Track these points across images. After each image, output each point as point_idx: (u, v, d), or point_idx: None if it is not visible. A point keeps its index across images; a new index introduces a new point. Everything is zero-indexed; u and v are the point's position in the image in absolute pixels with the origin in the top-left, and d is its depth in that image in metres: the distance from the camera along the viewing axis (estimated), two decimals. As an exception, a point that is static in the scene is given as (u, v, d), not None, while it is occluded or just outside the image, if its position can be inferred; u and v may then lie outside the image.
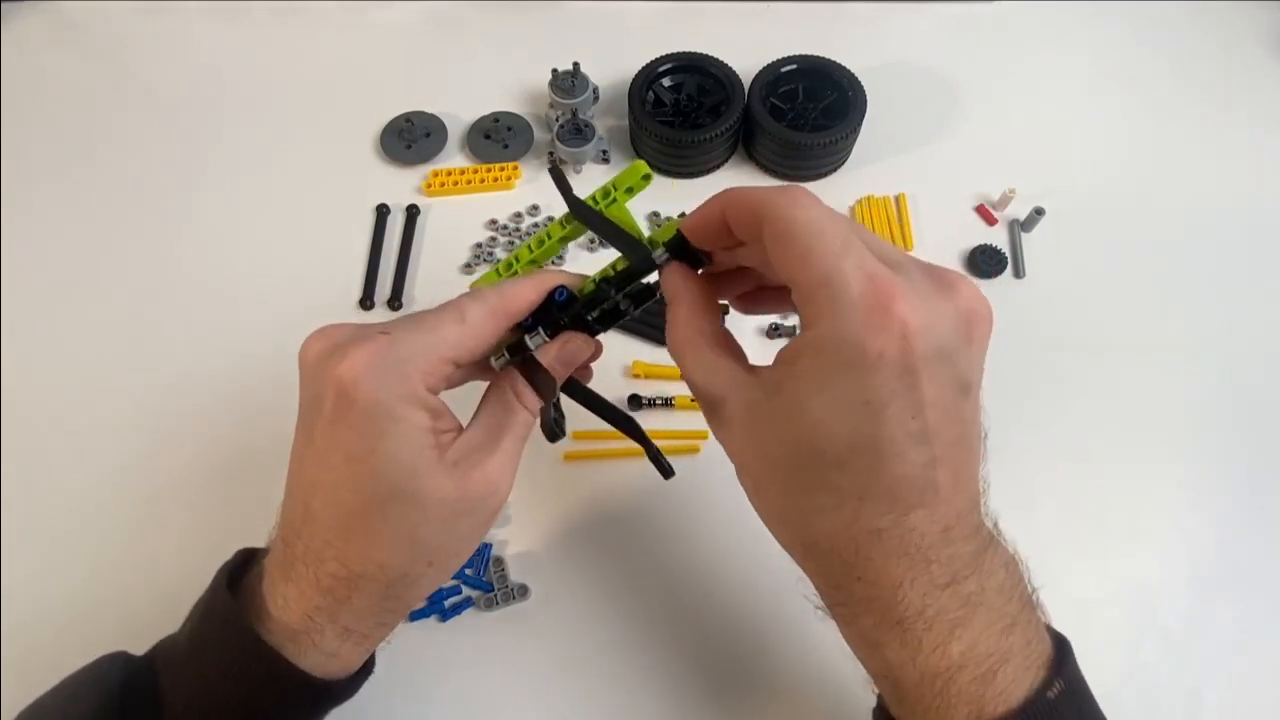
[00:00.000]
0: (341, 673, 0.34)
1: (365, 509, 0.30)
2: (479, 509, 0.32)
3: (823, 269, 0.26)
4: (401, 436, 0.30)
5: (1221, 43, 0.73)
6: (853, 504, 0.27)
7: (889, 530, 0.27)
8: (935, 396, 0.26)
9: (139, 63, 0.72)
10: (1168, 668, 0.48)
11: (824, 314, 0.26)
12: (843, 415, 0.26)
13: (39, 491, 0.52)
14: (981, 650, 0.29)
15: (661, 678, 0.47)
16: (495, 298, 0.32)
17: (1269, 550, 0.51)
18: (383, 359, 0.29)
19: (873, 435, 0.26)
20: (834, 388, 0.26)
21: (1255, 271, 0.61)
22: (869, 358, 0.25)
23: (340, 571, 0.31)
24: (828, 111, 0.63)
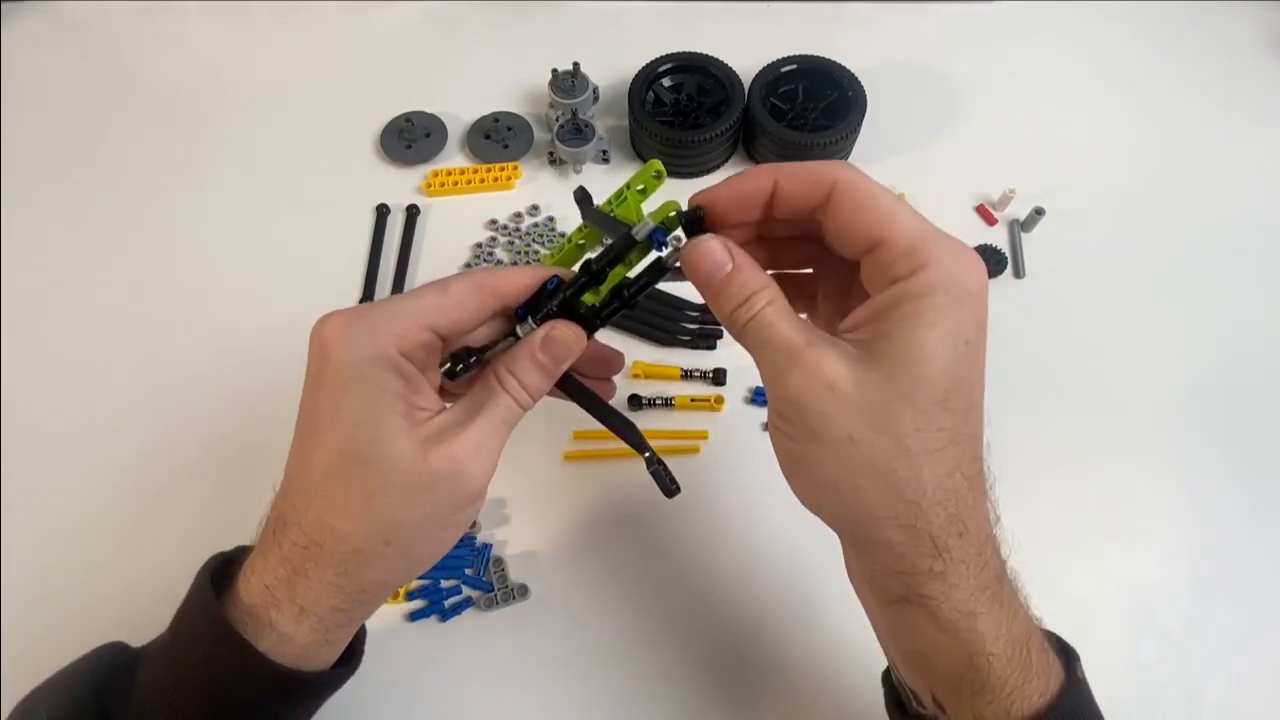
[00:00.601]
0: (301, 661, 0.32)
1: (328, 471, 0.30)
2: (442, 487, 0.30)
3: (916, 227, 0.29)
4: (366, 397, 0.29)
5: (1221, 42, 0.73)
6: (955, 447, 0.28)
7: (977, 476, 0.29)
8: (983, 341, 0.29)
9: (139, 63, 0.72)
10: (1168, 668, 0.48)
11: (931, 260, 0.28)
12: (950, 350, 0.28)
13: (40, 489, 0.52)
14: (1036, 615, 0.31)
15: (662, 677, 0.47)
16: (483, 275, 0.33)
17: (1268, 550, 0.51)
18: (358, 322, 0.30)
19: (969, 375, 0.28)
20: (943, 324, 0.28)
21: (1255, 271, 0.61)
22: (972, 295, 0.28)
23: (300, 539, 0.31)
24: (828, 111, 0.63)
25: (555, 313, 0.33)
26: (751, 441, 0.54)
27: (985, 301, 0.29)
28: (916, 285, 0.28)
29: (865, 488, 0.28)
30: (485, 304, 0.32)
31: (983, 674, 0.29)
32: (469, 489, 0.31)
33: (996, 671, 0.29)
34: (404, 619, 0.48)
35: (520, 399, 0.32)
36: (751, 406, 0.55)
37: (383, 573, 0.31)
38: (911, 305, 0.28)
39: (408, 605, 0.49)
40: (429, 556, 0.33)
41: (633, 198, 0.33)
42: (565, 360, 0.33)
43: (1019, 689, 0.29)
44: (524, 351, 0.32)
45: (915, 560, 0.29)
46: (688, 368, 0.56)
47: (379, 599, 0.33)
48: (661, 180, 0.33)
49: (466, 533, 0.51)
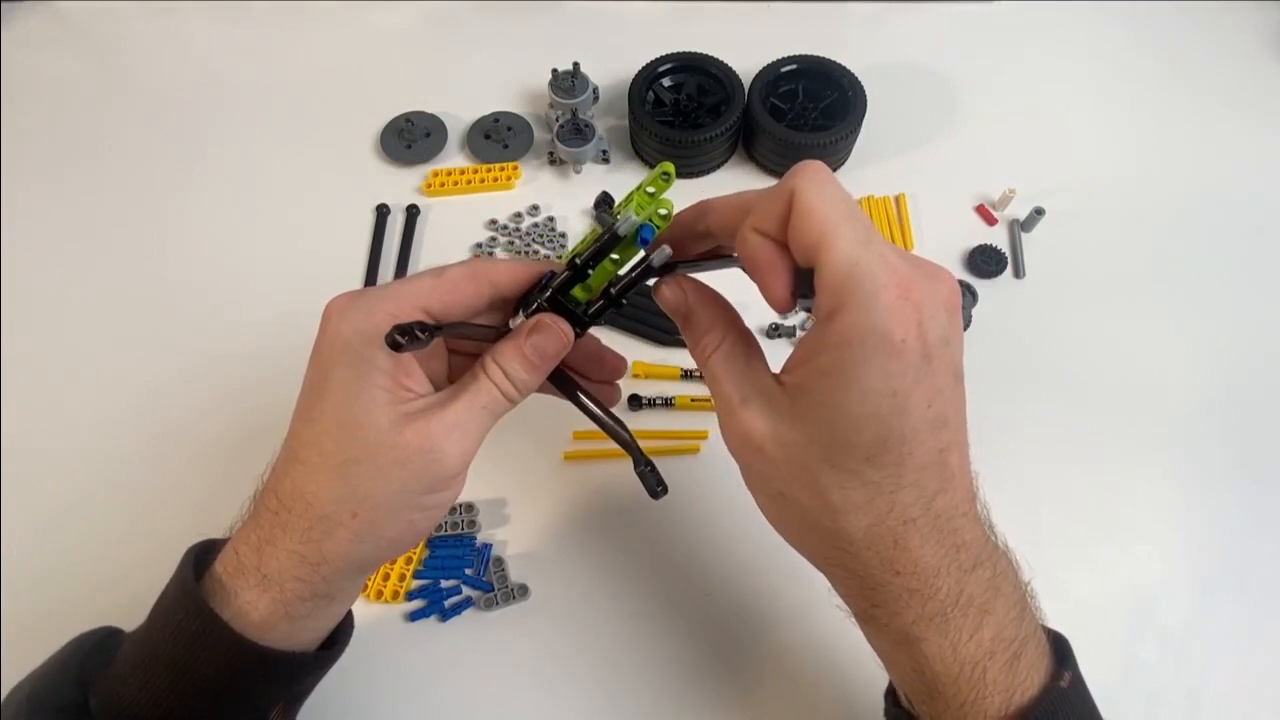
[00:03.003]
0: (262, 635, 0.31)
1: (309, 439, 0.31)
2: (413, 462, 0.30)
3: (846, 255, 0.26)
4: (353, 369, 0.30)
5: (1221, 42, 0.73)
6: (886, 497, 0.28)
7: (920, 519, 0.28)
8: (943, 382, 0.27)
9: (139, 63, 0.72)
10: (1168, 668, 0.48)
11: (849, 304, 0.26)
12: (872, 407, 0.26)
13: (41, 484, 0.52)
14: (1007, 635, 0.30)
15: (662, 676, 0.47)
16: (480, 263, 0.33)
17: (1269, 550, 0.51)
18: (358, 299, 0.31)
19: (900, 426, 0.27)
20: (863, 379, 0.26)
21: (1255, 270, 0.61)
22: (894, 345, 0.25)
23: (273, 504, 0.31)
24: (828, 111, 0.63)
25: (544, 307, 0.33)
26: (751, 441, 0.54)
27: (919, 346, 0.26)
28: (834, 333, 0.26)
29: (805, 535, 0.31)
30: (480, 290, 0.32)
31: (931, 687, 0.30)
32: (441, 469, 0.31)
33: (944, 687, 0.30)
34: (404, 619, 0.48)
35: (504, 388, 0.32)
36: (751, 406, 0.55)
37: (345, 545, 0.31)
38: (828, 357, 0.27)
39: (408, 605, 0.49)
40: (396, 538, 0.32)
41: (639, 199, 0.33)
42: (551, 354, 0.33)
43: (973, 703, 0.29)
44: (510, 342, 0.33)
45: (856, 594, 0.31)
46: (688, 368, 0.56)
47: (341, 576, 0.32)
48: (670, 182, 0.33)
49: (466, 533, 0.51)
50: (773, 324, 0.58)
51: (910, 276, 0.26)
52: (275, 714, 0.34)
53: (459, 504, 0.51)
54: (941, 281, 0.28)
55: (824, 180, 0.27)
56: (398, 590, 0.49)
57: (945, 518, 0.29)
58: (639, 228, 0.32)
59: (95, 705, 0.31)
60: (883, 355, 0.26)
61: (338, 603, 0.34)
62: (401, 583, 0.49)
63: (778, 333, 0.58)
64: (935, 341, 0.26)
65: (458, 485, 0.33)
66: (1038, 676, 0.30)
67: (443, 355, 0.35)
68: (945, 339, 0.27)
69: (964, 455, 0.30)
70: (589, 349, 0.38)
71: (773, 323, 0.58)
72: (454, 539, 0.51)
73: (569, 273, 0.33)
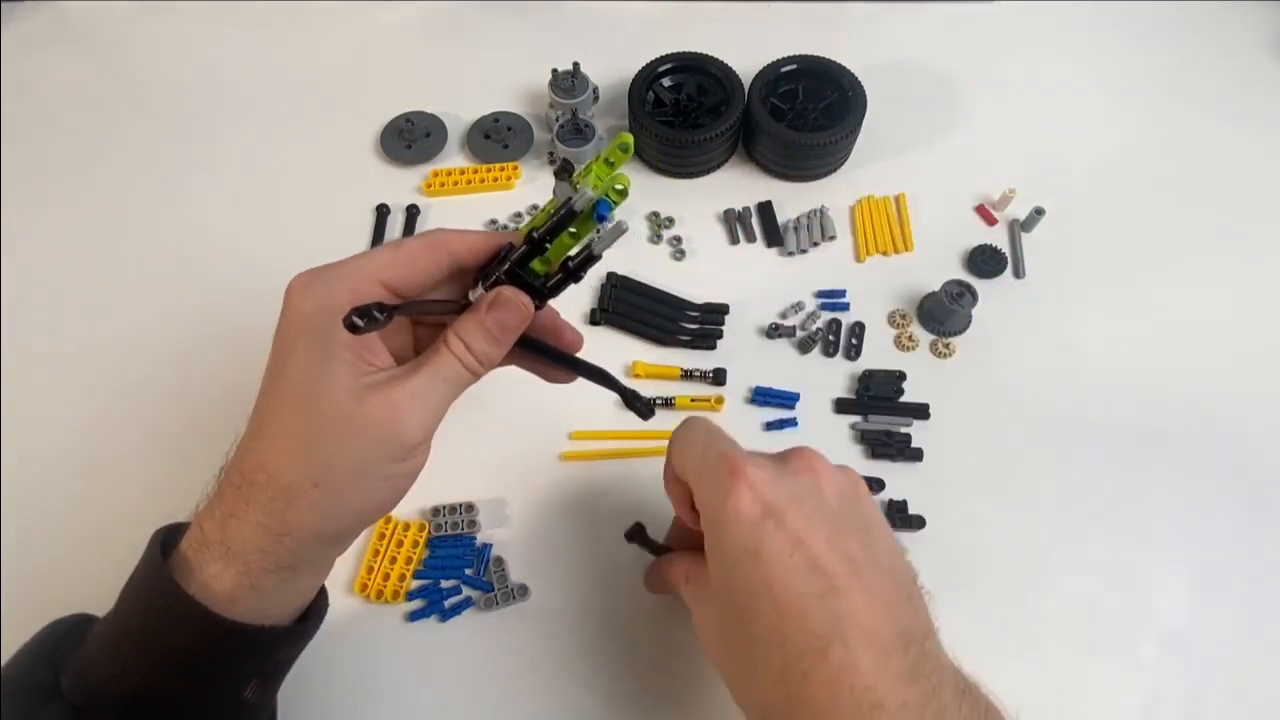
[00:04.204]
0: (229, 608, 0.31)
1: (272, 413, 0.31)
2: (373, 431, 0.30)
3: (693, 461, 0.34)
4: (315, 345, 0.30)
5: (1221, 43, 0.73)
6: (776, 652, 0.29)
7: (814, 671, 0.28)
8: (807, 533, 0.30)
9: (139, 63, 0.72)
10: (1168, 668, 0.48)
11: (699, 493, 0.33)
12: (734, 566, 0.30)
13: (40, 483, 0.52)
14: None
15: (662, 676, 0.47)
16: (438, 233, 0.33)
17: (1269, 550, 0.51)
18: (317, 276, 0.32)
19: (763, 577, 0.29)
20: (722, 551, 0.31)
21: (1255, 271, 0.61)
22: (728, 512, 0.30)
23: (237, 480, 0.31)
24: (828, 111, 0.63)
25: (503, 280, 0.33)
26: (751, 442, 0.53)
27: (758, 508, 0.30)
28: (703, 521, 0.33)
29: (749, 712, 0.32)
30: (438, 261, 0.33)
31: None
32: (403, 438, 0.31)
33: None
34: (404, 619, 0.48)
35: (466, 361, 0.32)
36: (751, 406, 0.55)
37: (308, 515, 0.31)
38: (707, 540, 0.33)
39: (408, 605, 0.49)
40: (360, 508, 0.32)
41: (598, 170, 0.33)
42: (512, 327, 0.33)
43: None
44: (471, 316, 0.33)
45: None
46: (688, 368, 0.56)
47: (305, 548, 0.32)
48: (628, 154, 0.33)
49: (466, 533, 0.51)
50: (773, 324, 0.58)
51: (742, 457, 0.32)
52: (250, 689, 0.34)
53: (459, 504, 0.51)
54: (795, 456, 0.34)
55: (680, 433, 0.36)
56: (398, 590, 0.49)
57: (850, 670, 0.27)
58: (595, 203, 0.32)
59: (66, 686, 0.31)
60: (724, 522, 0.31)
61: (305, 576, 0.34)
62: (401, 583, 0.49)
63: (778, 332, 0.58)
64: (782, 500, 0.31)
65: (421, 456, 0.33)
66: None
67: (407, 329, 0.35)
68: (800, 498, 0.31)
69: (875, 604, 0.29)
70: (547, 322, 0.38)
71: (773, 323, 0.58)
72: (454, 539, 0.51)
73: (527, 247, 0.33)
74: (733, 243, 0.62)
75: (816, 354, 0.57)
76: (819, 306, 0.59)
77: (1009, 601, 0.49)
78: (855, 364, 0.57)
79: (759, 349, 0.58)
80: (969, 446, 0.54)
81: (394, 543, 0.50)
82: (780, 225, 0.63)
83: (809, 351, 0.57)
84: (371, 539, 0.50)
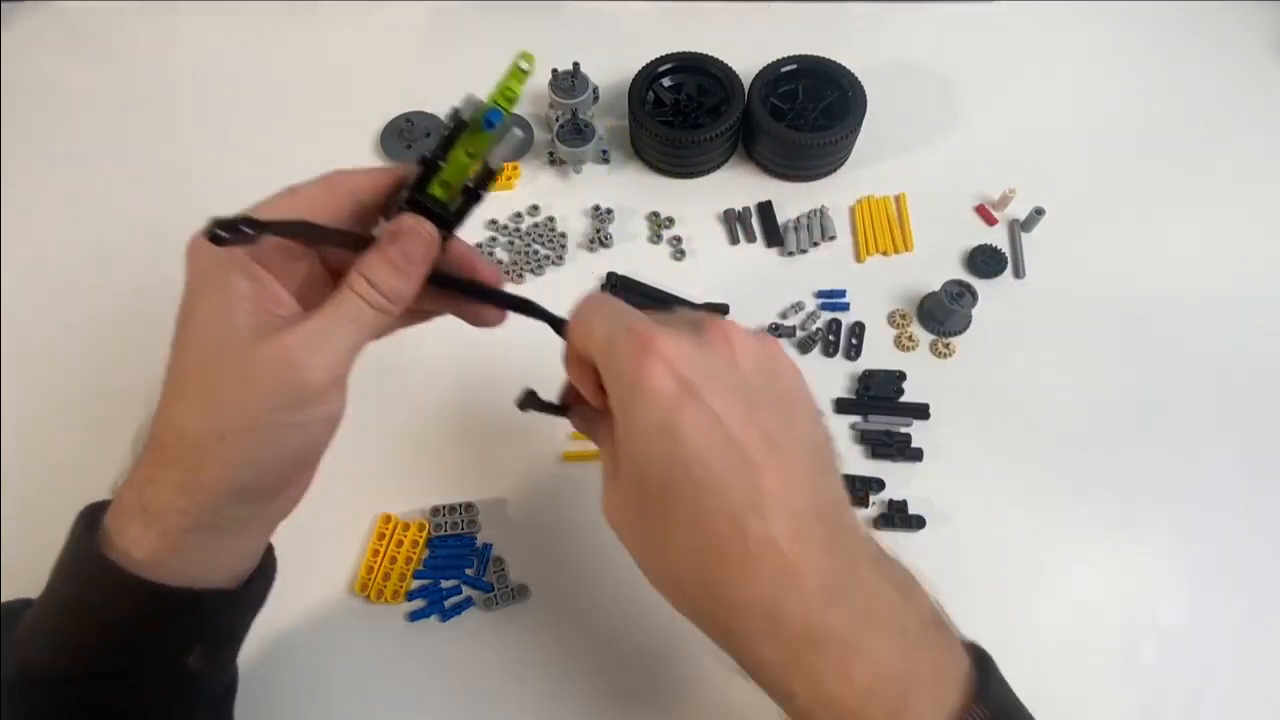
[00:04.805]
0: (151, 572, 0.30)
1: (179, 373, 0.31)
2: (270, 376, 0.29)
3: (599, 337, 0.30)
4: (213, 298, 0.30)
5: (1221, 43, 0.73)
6: (692, 530, 0.28)
7: (734, 545, 0.27)
8: (724, 409, 0.28)
9: (139, 63, 0.72)
10: (1168, 668, 0.48)
11: (607, 371, 0.30)
12: (649, 450, 0.28)
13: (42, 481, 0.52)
14: (887, 674, 0.27)
15: (662, 676, 0.47)
16: (333, 174, 0.32)
17: (1269, 550, 0.51)
18: None
19: (681, 454, 0.27)
20: (634, 425, 0.28)
21: (1255, 270, 0.61)
22: (642, 390, 0.28)
23: (152, 445, 0.31)
24: (828, 111, 0.63)
25: (404, 209, 0.32)
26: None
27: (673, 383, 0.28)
28: (611, 400, 0.30)
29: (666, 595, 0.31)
30: (339, 204, 0.32)
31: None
32: (302, 382, 0.29)
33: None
34: (404, 619, 0.49)
35: (370, 298, 0.31)
36: (751, 406, 0.55)
37: (218, 470, 0.30)
38: (616, 421, 0.30)
39: (408, 605, 0.49)
40: (271, 459, 0.31)
41: (499, 86, 0.33)
42: (418, 256, 0.32)
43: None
44: (373, 249, 0.31)
45: (723, 645, 0.30)
46: (688, 368, 0.56)
47: (223, 505, 0.31)
48: (531, 71, 0.32)
49: (466, 533, 0.51)
50: (772, 324, 0.58)
51: (655, 331, 0.29)
52: (195, 658, 0.33)
53: (459, 504, 0.51)
54: (709, 327, 0.31)
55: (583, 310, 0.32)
56: (398, 590, 0.49)
57: (770, 543, 0.27)
58: (486, 112, 0.31)
59: (6, 673, 0.31)
60: (637, 400, 0.28)
61: (232, 537, 0.33)
62: (401, 583, 0.49)
63: (778, 332, 0.58)
64: (699, 375, 0.28)
65: (332, 402, 0.31)
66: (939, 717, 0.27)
67: (322, 278, 0.34)
68: (714, 373, 0.29)
69: (795, 477, 0.28)
70: (461, 256, 0.37)
71: (772, 323, 0.58)
72: (454, 539, 0.51)
73: (422, 169, 0.32)
74: (733, 243, 0.62)
75: (816, 354, 0.57)
76: (819, 306, 0.59)
77: (1009, 601, 0.49)
78: (855, 364, 0.57)
79: (759, 349, 0.58)
80: (969, 446, 0.54)
81: (394, 543, 0.50)
82: (780, 225, 0.63)
83: (809, 351, 0.57)
84: (371, 539, 0.50)
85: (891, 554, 0.30)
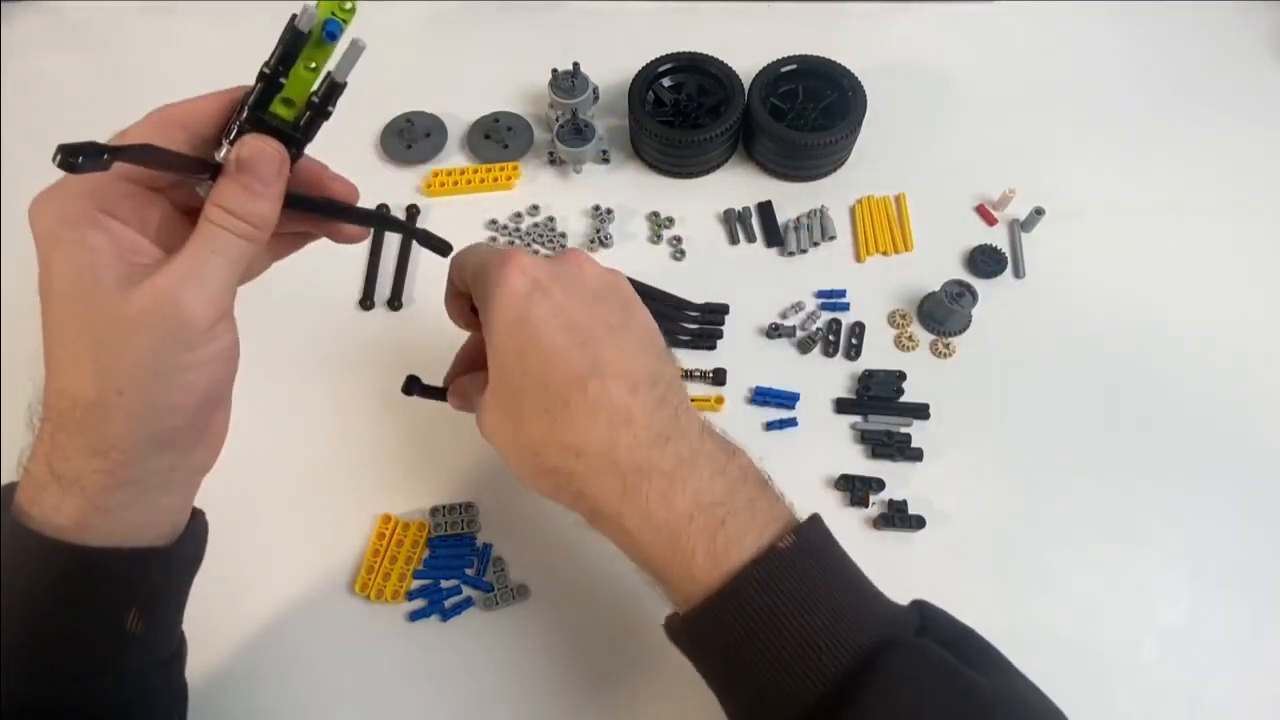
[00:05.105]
0: (79, 536, 0.30)
1: (56, 339, 0.31)
2: (152, 322, 0.29)
3: (471, 265, 0.36)
4: (68, 258, 0.30)
5: (1222, 43, 0.73)
6: (541, 394, 0.33)
7: (574, 399, 0.33)
8: (567, 301, 0.34)
9: (139, 63, 0.72)
10: (1168, 668, 0.48)
11: (477, 287, 0.36)
12: (507, 338, 0.33)
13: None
14: (706, 500, 0.33)
15: (662, 676, 0.47)
16: (163, 109, 0.32)
17: (1269, 550, 0.51)
18: (50, 192, 0.31)
19: (531, 338, 0.33)
20: (495, 325, 0.34)
21: (1256, 270, 0.61)
22: (503, 290, 0.34)
23: (49, 414, 0.31)
24: (828, 111, 0.63)
25: (246, 129, 0.31)
26: (752, 441, 0.53)
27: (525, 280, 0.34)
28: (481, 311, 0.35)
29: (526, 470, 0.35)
30: (174, 140, 0.31)
31: (646, 565, 0.34)
32: (186, 321, 0.29)
33: (652, 560, 0.33)
34: (404, 619, 0.49)
35: (232, 226, 0.30)
36: (752, 406, 0.55)
37: (126, 425, 0.30)
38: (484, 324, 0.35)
39: (408, 605, 0.49)
40: (178, 404, 0.31)
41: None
42: (269, 175, 0.31)
43: (682, 571, 0.32)
44: (222, 176, 0.31)
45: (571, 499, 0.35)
46: (688, 368, 0.56)
47: (139, 458, 0.31)
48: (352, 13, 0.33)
49: (466, 533, 0.51)
50: (773, 324, 0.58)
51: (514, 251, 0.35)
52: (132, 620, 0.33)
53: (459, 504, 0.51)
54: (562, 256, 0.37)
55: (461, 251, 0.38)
56: (398, 590, 0.49)
57: (605, 397, 0.33)
58: (324, 23, 0.31)
59: None
60: (499, 297, 0.34)
61: (155, 491, 0.32)
62: (402, 583, 0.49)
63: (778, 332, 0.58)
64: (547, 279, 0.34)
65: (223, 337, 0.31)
66: (753, 541, 0.32)
67: (178, 220, 0.33)
68: (561, 275, 0.35)
69: (624, 352, 0.34)
70: (311, 174, 0.37)
71: (773, 323, 0.58)
72: (454, 539, 0.51)
73: (261, 85, 0.31)
74: (732, 243, 0.62)
75: (816, 354, 0.57)
76: (819, 306, 0.59)
77: (1009, 601, 0.49)
78: (855, 364, 0.57)
79: (759, 349, 0.58)
80: (969, 446, 0.54)
81: (394, 543, 0.50)
82: (780, 225, 0.63)
83: (809, 351, 0.57)
84: (371, 539, 0.50)
85: (719, 429, 0.36)
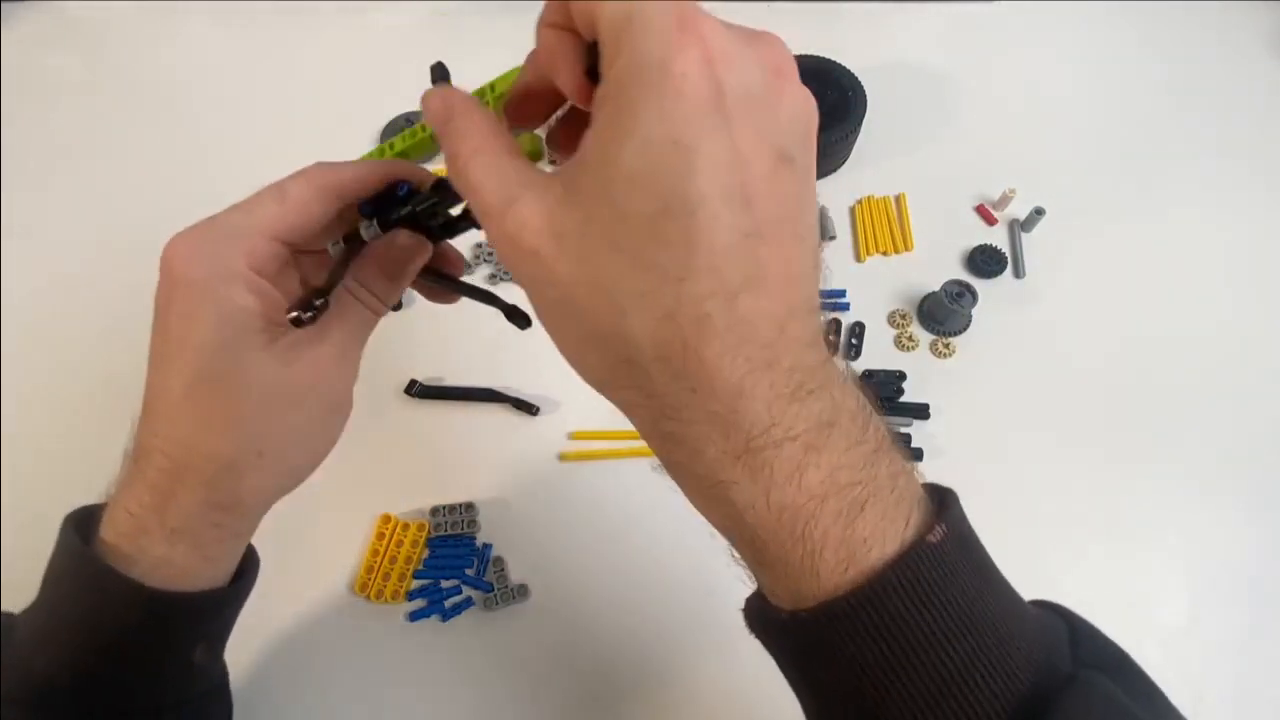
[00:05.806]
0: (181, 583, 0.31)
1: (188, 393, 0.30)
2: (307, 398, 0.31)
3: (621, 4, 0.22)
4: (220, 315, 0.29)
5: (1221, 43, 0.73)
6: (673, 286, 0.22)
7: (716, 316, 0.23)
8: (751, 153, 0.22)
9: (139, 63, 0.72)
10: (1168, 668, 0.48)
11: (622, 43, 0.22)
12: (652, 160, 0.21)
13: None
14: (844, 479, 0.24)
15: (661, 676, 0.47)
16: (322, 174, 0.31)
17: (1269, 550, 0.51)
18: (202, 238, 0.30)
19: (685, 189, 0.21)
20: (640, 125, 0.21)
21: (1256, 270, 0.61)
22: (673, 79, 0.21)
23: (165, 464, 0.30)
24: (828, 111, 0.63)
25: (400, 221, 0.32)
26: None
27: (708, 89, 0.21)
28: (609, 85, 0.22)
29: (586, 350, 0.25)
30: (328, 207, 0.32)
31: (752, 548, 0.26)
32: (334, 397, 0.32)
33: (764, 546, 0.25)
34: (404, 619, 0.49)
35: (373, 306, 0.32)
36: (751, 406, 0.55)
37: (258, 482, 0.31)
38: (603, 114, 0.22)
39: (408, 605, 0.49)
40: (304, 464, 0.33)
41: (494, 104, 0.31)
42: (411, 271, 0.33)
43: (802, 563, 0.25)
44: (371, 263, 0.32)
45: (650, 425, 0.25)
46: (688, 368, 0.56)
47: (257, 514, 0.33)
48: None
49: (466, 533, 0.51)
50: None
51: (703, 15, 0.22)
52: (200, 652, 0.34)
53: (459, 504, 0.51)
54: (764, 42, 0.24)
55: None
56: (398, 590, 0.49)
57: (753, 326, 0.23)
58: None
59: (6, 687, 0.31)
60: (659, 92, 0.21)
61: (247, 537, 0.34)
62: (402, 583, 0.49)
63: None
64: (737, 94, 0.22)
65: (350, 406, 0.33)
66: (895, 531, 0.24)
67: (294, 269, 0.34)
68: (756, 101, 0.22)
69: (792, 259, 0.24)
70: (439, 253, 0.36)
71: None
72: (454, 539, 0.51)
73: (434, 199, 0.32)
74: (733, 243, 0.62)
75: (816, 354, 0.57)
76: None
77: (1009, 601, 0.49)
78: (855, 364, 0.57)
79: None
80: (969, 446, 0.54)
81: (394, 543, 0.50)
82: (780, 225, 0.62)
83: (809, 351, 0.57)
84: (371, 539, 0.50)
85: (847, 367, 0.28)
